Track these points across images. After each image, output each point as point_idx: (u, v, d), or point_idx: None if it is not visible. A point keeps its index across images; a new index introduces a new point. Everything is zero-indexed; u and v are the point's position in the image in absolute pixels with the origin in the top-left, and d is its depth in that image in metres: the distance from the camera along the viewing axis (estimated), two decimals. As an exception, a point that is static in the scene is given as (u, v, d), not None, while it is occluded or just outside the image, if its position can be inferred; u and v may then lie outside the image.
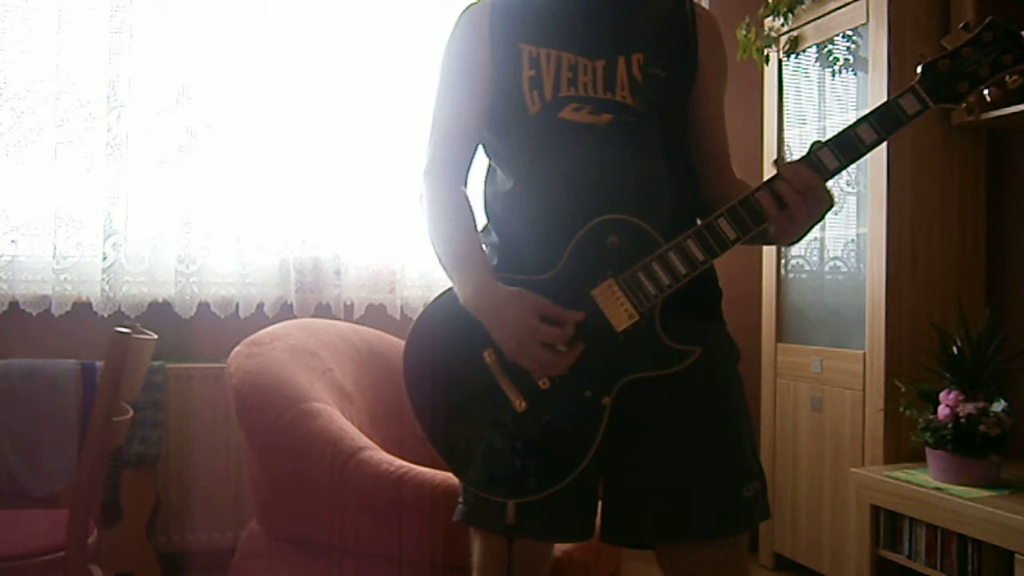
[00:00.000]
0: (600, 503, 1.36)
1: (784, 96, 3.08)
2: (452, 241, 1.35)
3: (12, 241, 2.72)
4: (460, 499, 1.39)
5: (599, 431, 1.24)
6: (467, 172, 1.42)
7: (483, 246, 1.38)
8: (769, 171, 1.28)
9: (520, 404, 1.25)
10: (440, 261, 1.36)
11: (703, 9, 1.43)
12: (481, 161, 1.46)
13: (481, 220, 1.42)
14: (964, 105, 1.24)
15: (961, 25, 1.27)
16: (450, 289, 1.33)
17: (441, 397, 1.31)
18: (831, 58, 2.85)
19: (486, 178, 1.45)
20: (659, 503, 1.28)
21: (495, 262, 1.35)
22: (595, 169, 1.29)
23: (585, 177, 1.29)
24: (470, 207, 1.38)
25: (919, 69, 1.23)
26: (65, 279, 2.75)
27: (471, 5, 1.43)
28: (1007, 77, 1.22)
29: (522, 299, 1.23)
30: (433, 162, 1.41)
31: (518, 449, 1.26)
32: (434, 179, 1.40)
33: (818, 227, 2.86)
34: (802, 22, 2.95)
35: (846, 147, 1.22)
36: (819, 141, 1.24)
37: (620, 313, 1.24)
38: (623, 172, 1.30)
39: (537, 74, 1.33)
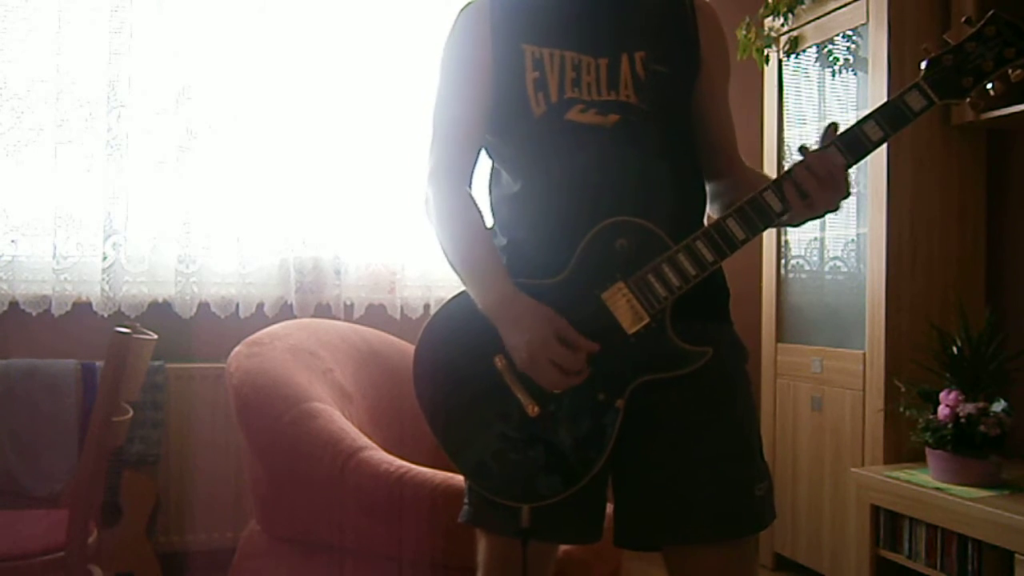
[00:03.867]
0: (611, 505, 1.36)
1: (784, 96, 3.08)
2: (466, 246, 1.33)
3: (12, 241, 2.72)
4: (465, 500, 1.38)
5: (612, 434, 1.24)
6: (472, 174, 1.40)
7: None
8: (768, 172, 1.27)
9: (533, 409, 1.25)
10: (453, 266, 1.34)
11: (701, 1, 1.41)
12: (484, 163, 1.45)
13: (488, 223, 1.42)
14: (968, 100, 1.24)
15: (963, 19, 1.27)
16: (459, 294, 1.32)
17: (453, 404, 1.30)
18: (831, 58, 2.85)
19: (490, 180, 1.44)
20: (672, 504, 1.27)
21: (504, 264, 1.35)
22: (603, 171, 1.29)
23: (593, 179, 1.28)
24: (479, 210, 1.36)
25: (923, 65, 1.23)
26: (65, 279, 2.75)
27: (469, 4, 1.40)
28: (1010, 71, 1.22)
29: (540, 315, 1.23)
30: (438, 165, 1.39)
31: (532, 454, 1.26)
32: (440, 182, 1.38)
33: (818, 227, 2.90)
34: (802, 22, 2.95)
35: (853, 145, 1.22)
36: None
37: (630, 315, 1.23)
38: (631, 173, 1.29)
39: (541, 76, 1.31)
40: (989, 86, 1.23)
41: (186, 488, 2.79)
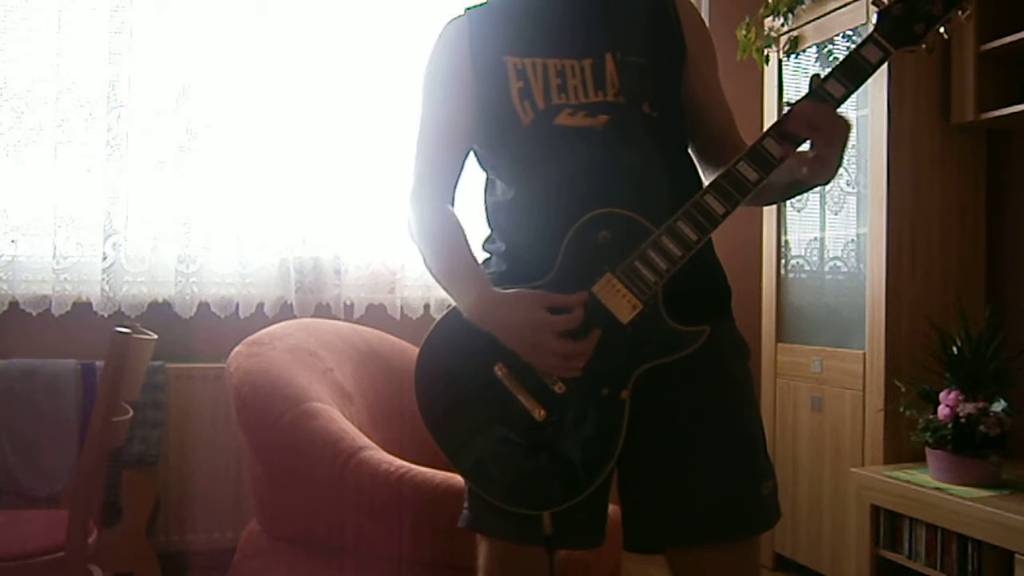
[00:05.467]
0: (617, 510, 1.35)
1: (784, 96, 3.08)
2: (445, 259, 1.35)
3: (12, 241, 2.72)
4: (465, 505, 1.38)
5: (622, 427, 1.23)
6: (454, 188, 1.42)
7: (488, 256, 1.39)
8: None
9: (539, 413, 1.24)
10: (438, 281, 1.36)
11: None
12: (473, 172, 1.45)
13: (485, 230, 1.43)
14: (924, 46, 1.25)
15: None
16: (453, 309, 1.33)
17: (460, 419, 1.29)
18: (831, 58, 2.85)
19: (485, 188, 1.45)
20: (678, 505, 1.27)
21: (503, 269, 1.35)
22: (596, 172, 1.29)
23: (587, 181, 1.28)
24: (458, 223, 1.37)
25: (874, 18, 1.25)
26: (65, 279, 2.75)
27: (449, 22, 1.43)
28: (960, 12, 1.24)
29: (523, 298, 1.23)
30: (419, 183, 1.41)
31: (545, 459, 1.25)
32: (420, 202, 1.39)
33: (818, 227, 2.90)
34: (802, 22, 2.95)
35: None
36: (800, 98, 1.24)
37: (624, 305, 1.23)
38: (625, 172, 1.29)
39: (526, 85, 1.32)
40: (942, 30, 1.25)
41: (186, 488, 2.79)
